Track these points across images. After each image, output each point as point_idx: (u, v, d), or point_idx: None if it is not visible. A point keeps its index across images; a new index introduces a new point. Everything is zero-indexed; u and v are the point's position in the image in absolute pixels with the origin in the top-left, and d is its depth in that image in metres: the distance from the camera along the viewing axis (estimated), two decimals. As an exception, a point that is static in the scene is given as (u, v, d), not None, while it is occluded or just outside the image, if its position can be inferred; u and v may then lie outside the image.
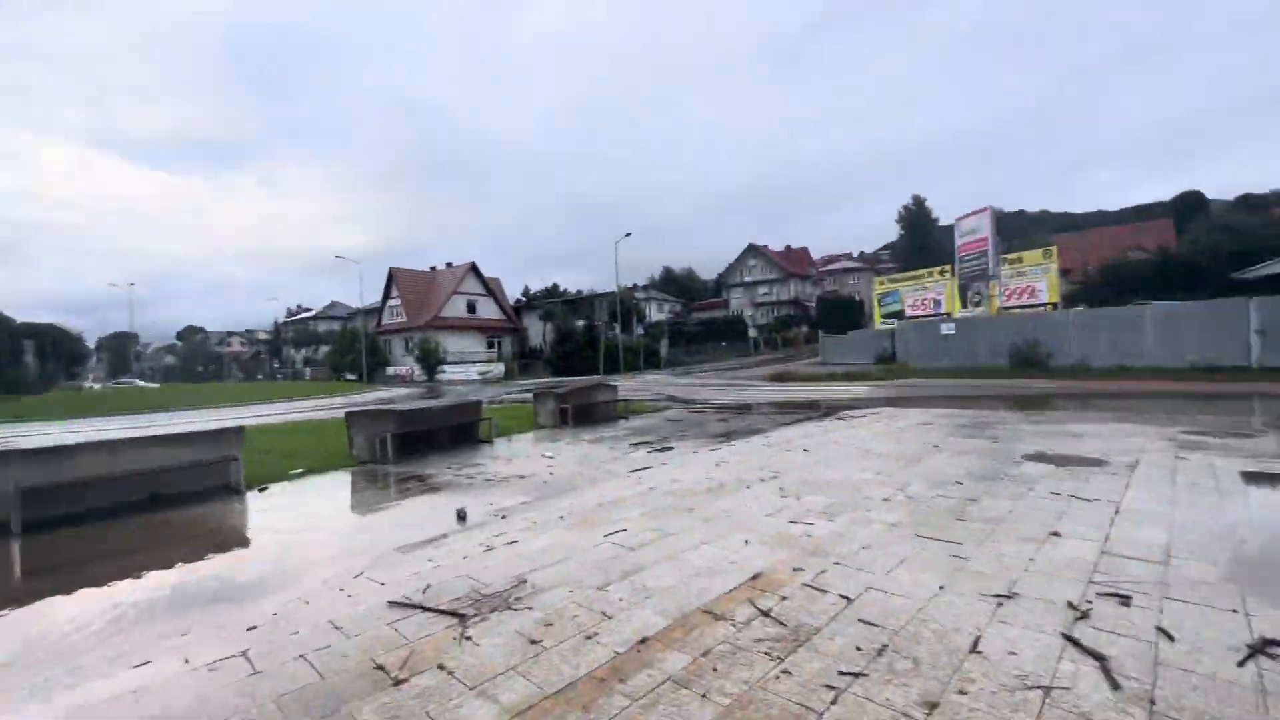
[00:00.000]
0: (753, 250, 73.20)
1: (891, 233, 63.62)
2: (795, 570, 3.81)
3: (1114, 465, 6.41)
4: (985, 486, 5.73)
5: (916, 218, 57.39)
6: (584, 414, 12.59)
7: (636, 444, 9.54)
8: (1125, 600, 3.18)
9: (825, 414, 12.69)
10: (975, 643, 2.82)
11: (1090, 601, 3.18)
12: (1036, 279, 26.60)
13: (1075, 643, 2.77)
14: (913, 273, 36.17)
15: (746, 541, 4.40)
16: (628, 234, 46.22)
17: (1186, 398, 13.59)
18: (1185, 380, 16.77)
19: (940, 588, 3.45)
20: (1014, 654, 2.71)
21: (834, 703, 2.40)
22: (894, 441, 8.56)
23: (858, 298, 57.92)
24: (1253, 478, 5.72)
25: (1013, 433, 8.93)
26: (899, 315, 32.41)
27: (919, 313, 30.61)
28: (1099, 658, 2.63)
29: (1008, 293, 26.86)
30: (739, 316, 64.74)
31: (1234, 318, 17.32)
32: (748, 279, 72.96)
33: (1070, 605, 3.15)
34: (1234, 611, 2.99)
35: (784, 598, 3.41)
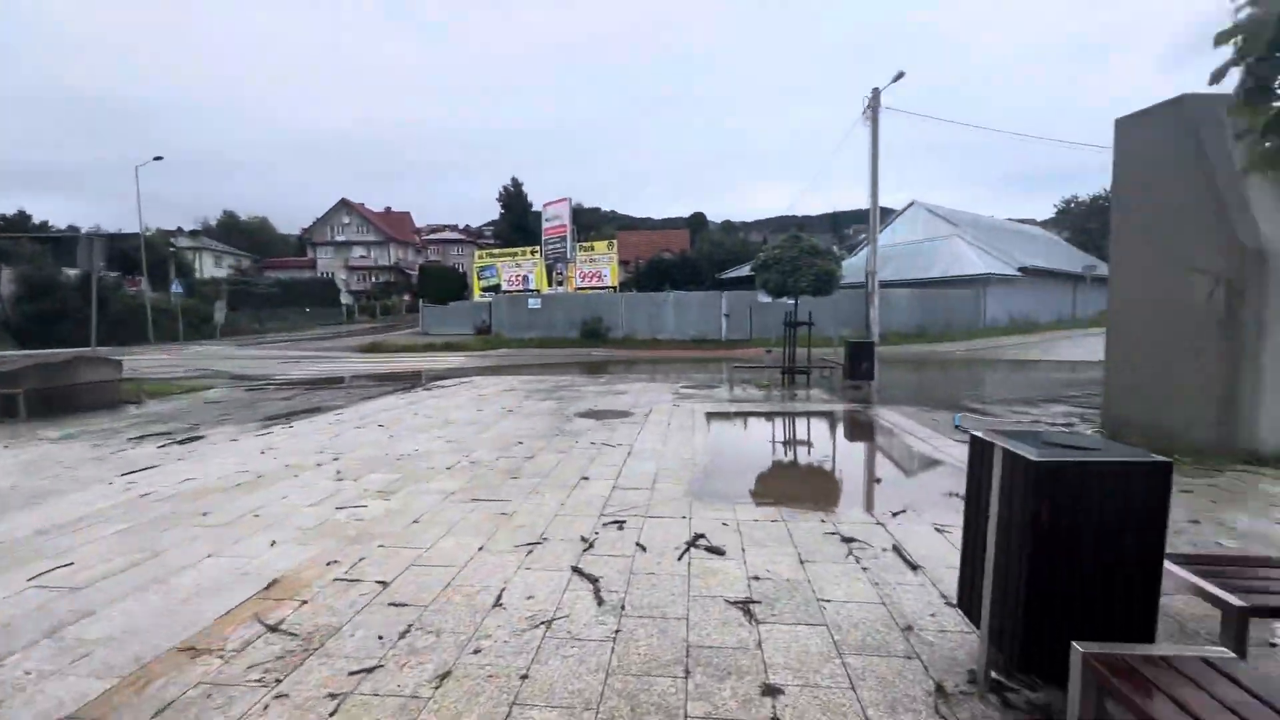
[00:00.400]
0: (346, 206, 65.32)
1: (494, 210, 66.44)
2: (329, 564, 3.34)
3: (636, 415, 8.07)
4: (543, 443, 6.37)
5: (515, 199, 61.41)
6: (56, 402, 8.75)
7: (142, 437, 7.12)
8: (621, 525, 3.89)
9: (414, 385, 12.23)
10: (499, 596, 2.95)
11: (598, 532, 3.77)
12: (603, 265, 31.93)
13: (579, 572, 3.20)
14: (510, 250, 38.62)
15: (274, 542, 3.66)
16: (158, 157, 34.65)
17: (690, 361, 18.54)
18: (690, 349, 22.92)
19: (480, 548, 3.54)
20: (531, 597, 2.94)
21: (334, 713, 2.10)
22: (475, 409, 8.80)
23: (461, 269, 58.66)
24: (710, 416, 8.06)
25: (575, 394, 10.36)
26: (496, 289, 34.16)
27: (513, 287, 32.93)
28: (593, 580, 3.10)
29: (582, 275, 31.46)
30: (330, 280, 57.16)
31: (715, 304, 24.61)
32: (340, 238, 64.86)
33: (583, 539, 3.66)
34: (684, 518, 4.01)
35: (304, 602, 2.91)
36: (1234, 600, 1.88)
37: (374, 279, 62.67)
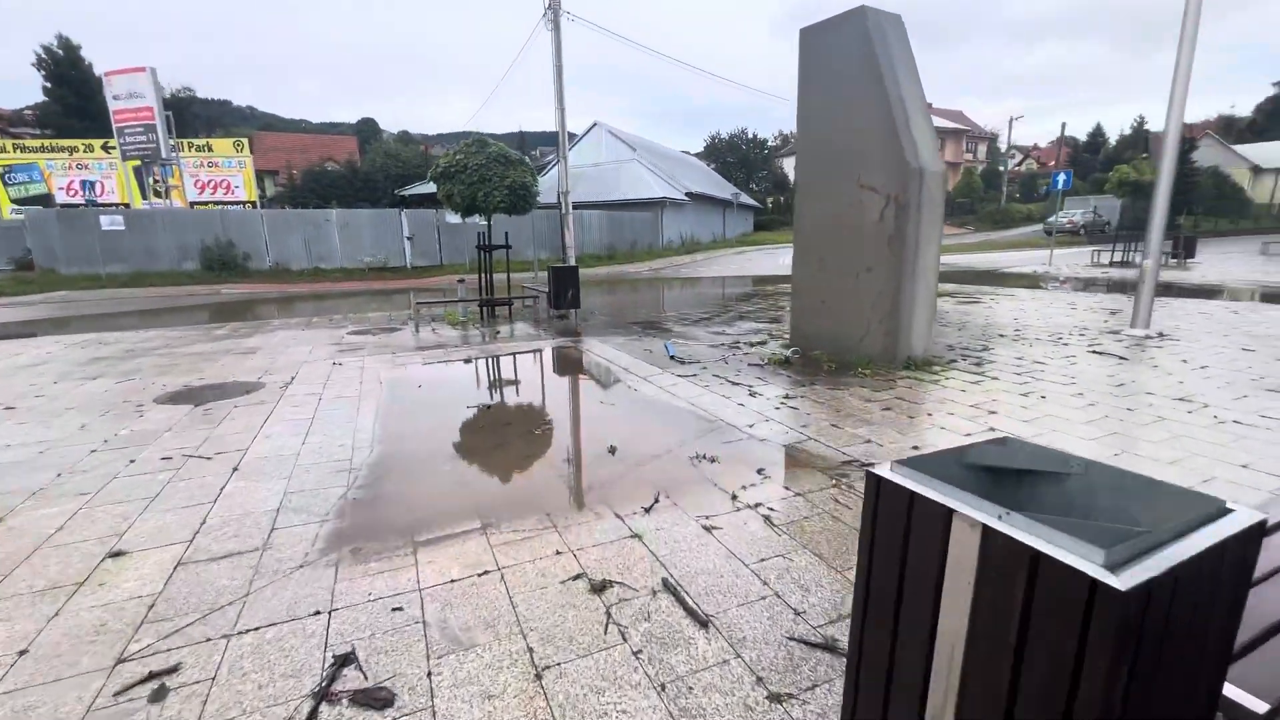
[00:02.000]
0: None
1: (35, 86, 44.25)
2: None
3: (268, 389, 5.46)
4: (51, 475, 3.50)
5: (67, 69, 41.91)
6: None
7: None
8: (163, 681, 1.86)
9: None
10: None
11: (92, 727, 1.70)
12: (233, 173, 24.14)
13: None
14: (64, 142, 26.11)
15: None
16: None
17: (367, 295, 15.18)
18: (366, 279, 19.06)
19: None
20: None
21: None
22: (-77, 413, 4.84)
23: (-23, 171, 38.14)
24: (386, 374, 5.96)
25: (167, 361, 6.84)
26: (44, 200, 22.93)
27: (75, 199, 22.52)
28: None
29: (200, 185, 23.27)
30: None
31: (394, 225, 20.83)
32: None
33: (35, 773, 1.56)
34: (317, 614, 2.19)
35: None
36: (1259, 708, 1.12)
37: None
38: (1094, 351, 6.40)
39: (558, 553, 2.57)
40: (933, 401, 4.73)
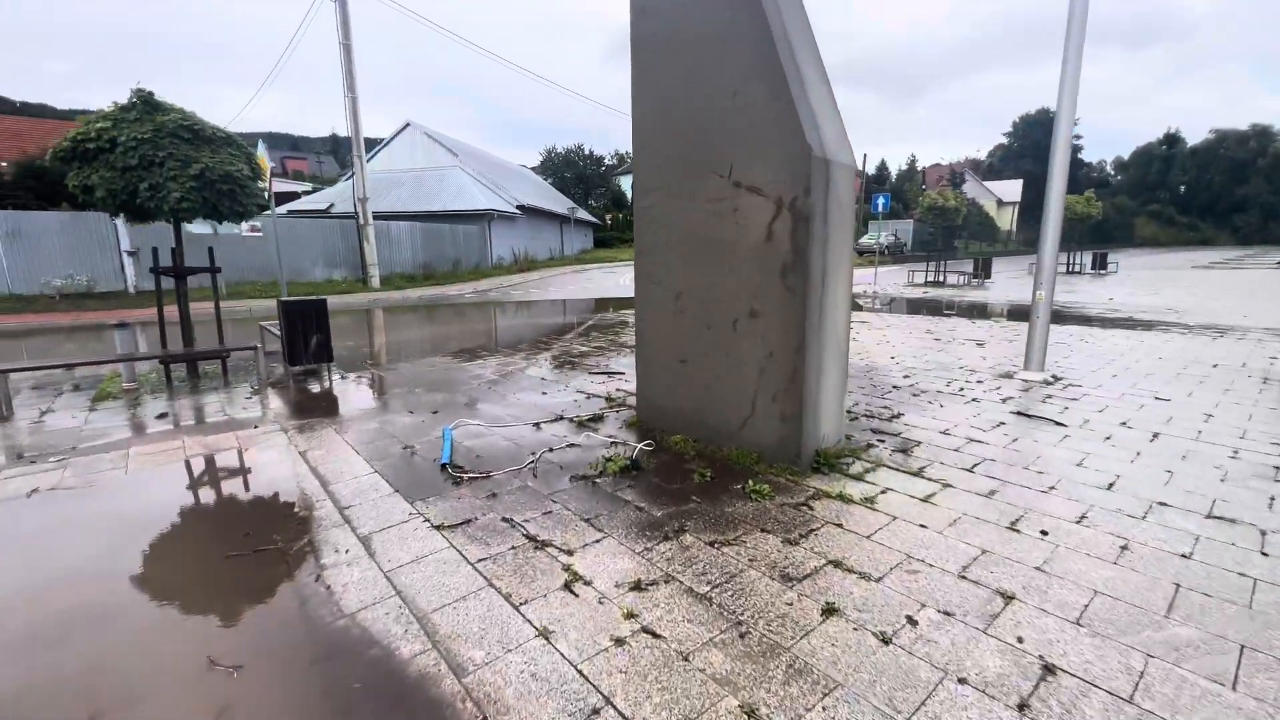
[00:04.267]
0: None
1: None
2: None
3: None
4: None
5: None
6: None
7: None
8: None
9: None
10: None
11: None
12: None
13: None
14: None
15: None
16: None
17: (50, 335, 10.20)
18: (56, 311, 13.42)
19: None
20: None
21: None
22: None
23: None
24: None
25: None
26: None
27: None
28: None
29: None
30: None
31: (104, 235, 15.16)
32: None
33: None
34: None
35: None
36: None
37: None
38: (1020, 414, 4.96)
39: None
40: (895, 566, 2.62)
